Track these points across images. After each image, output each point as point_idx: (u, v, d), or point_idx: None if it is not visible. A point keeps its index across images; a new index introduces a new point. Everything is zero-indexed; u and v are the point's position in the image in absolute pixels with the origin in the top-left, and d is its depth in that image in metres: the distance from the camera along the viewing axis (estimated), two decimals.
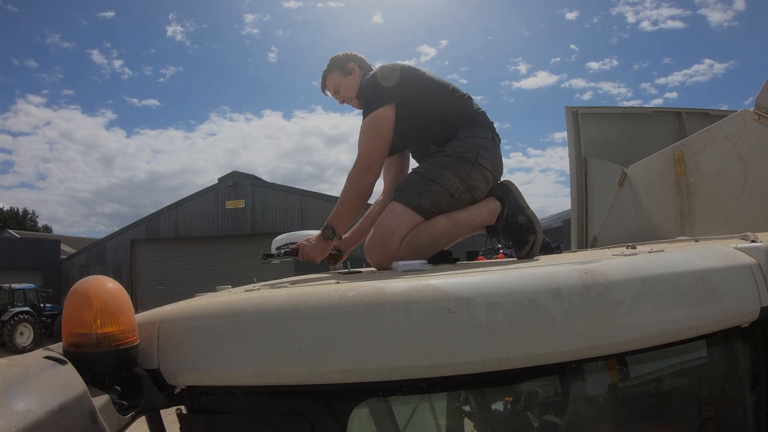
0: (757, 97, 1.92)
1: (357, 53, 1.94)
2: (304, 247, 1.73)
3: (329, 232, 1.71)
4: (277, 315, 0.77)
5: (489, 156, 1.70)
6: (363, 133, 1.71)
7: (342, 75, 1.91)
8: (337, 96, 1.96)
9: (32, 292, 15.02)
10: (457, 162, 1.65)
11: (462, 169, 1.65)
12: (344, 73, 1.91)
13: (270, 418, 0.82)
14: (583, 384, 0.97)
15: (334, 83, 1.94)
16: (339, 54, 1.95)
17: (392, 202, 1.65)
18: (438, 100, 1.75)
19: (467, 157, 1.66)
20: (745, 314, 0.86)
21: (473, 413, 1.21)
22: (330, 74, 1.94)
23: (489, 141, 1.74)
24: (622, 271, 0.82)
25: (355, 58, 1.92)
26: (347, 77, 1.90)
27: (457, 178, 1.64)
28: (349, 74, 1.90)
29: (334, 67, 1.93)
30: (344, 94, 1.93)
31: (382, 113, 1.68)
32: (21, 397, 0.60)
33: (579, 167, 3.56)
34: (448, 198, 1.63)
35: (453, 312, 0.74)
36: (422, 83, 1.76)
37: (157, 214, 20.26)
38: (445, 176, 1.63)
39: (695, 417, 1.01)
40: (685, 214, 2.39)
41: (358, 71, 1.89)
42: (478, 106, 1.81)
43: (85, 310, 0.74)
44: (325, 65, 1.95)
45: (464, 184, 1.65)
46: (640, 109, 3.81)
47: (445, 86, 1.80)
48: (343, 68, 1.91)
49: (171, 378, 0.80)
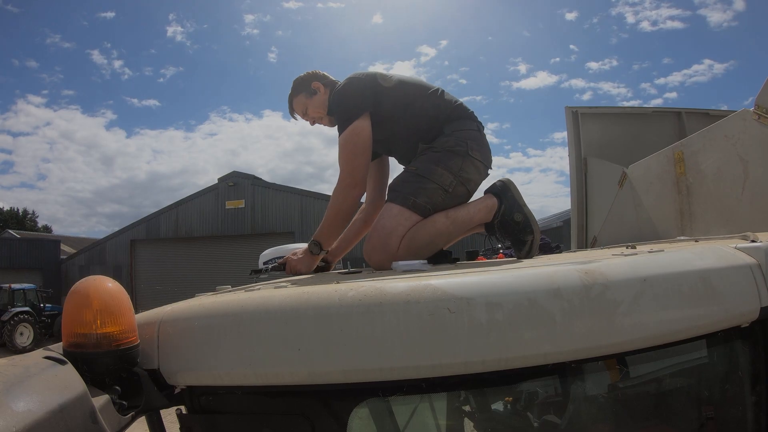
0: (757, 97, 1.92)
1: (318, 71, 1.92)
2: (290, 261, 1.74)
3: (316, 248, 1.72)
4: (277, 315, 0.77)
5: (477, 146, 1.70)
6: (342, 150, 1.69)
7: (307, 96, 1.89)
8: (306, 118, 1.94)
9: (32, 292, 15.01)
10: (447, 156, 1.65)
11: (453, 163, 1.65)
12: (309, 94, 1.89)
13: (270, 418, 0.82)
14: (583, 384, 0.97)
15: (301, 106, 1.92)
16: (301, 75, 1.93)
17: (387, 203, 1.65)
18: (412, 101, 1.74)
19: (457, 151, 1.66)
20: (745, 314, 0.86)
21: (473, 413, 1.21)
22: (295, 98, 1.92)
23: (475, 132, 1.75)
24: (622, 271, 0.82)
25: (318, 76, 1.90)
26: (313, 97, 1.88)
27: (449, 173, 1.63)
28: (314, 94, 1.88)
29: (298, 89, 1.91)
30: (313, 114, 1.91)
31: (358, 126, 1.67)
32: (21, 397, 0.60)
33: (579, 167, 3.56)
34: (442, 194, 1.63)
35: (453, 312, 0.74)
36: (392, 86, 1.75)
37: (157, 214, 20.26)
38: (437, 172, 1.63)
39: (695, 417, 1.01)
40: (685, 214, 2.39)
41: (323, 89, 1.87)
42: (455, 99, 1.81)
43: (85, 310, 0.74)
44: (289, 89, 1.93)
45: (457, 178, 1.64)
46: (640, 109, 3.81)
47: (417, 85, 1.79)
48: (307, 89, 1.89)
49: (171, 378, 0.80)
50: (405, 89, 1.77)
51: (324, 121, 1.91)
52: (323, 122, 1.92)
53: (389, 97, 1.73)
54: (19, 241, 22.87)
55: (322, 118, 1.91)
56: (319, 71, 1.92)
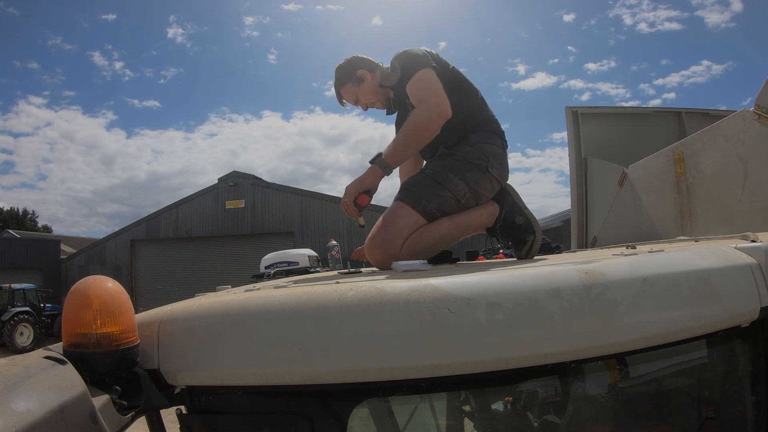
0: (757, 97, 1.92)
1: (359, 56, 1.89)
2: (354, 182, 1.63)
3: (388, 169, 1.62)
4: (277, 315, 0.77)
5: (498, 165, 1.69)
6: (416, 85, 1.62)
7: (355, 85, 1.86)
8: (359, 104, 1.91)
9: (32, 292, 15.00)
10: (466, 168, 1.64)
11: (471, 175, 1.64)
12: (356, 83, 1.86)
13: (270, 418, 0.82)
14: (583, 384, 0.97)
15: (352, 95, 1.89)
16: (341, 63, 1.89)
17: (398, 202, 1.63)
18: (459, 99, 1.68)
19: (477, 164, 1.65)
20: (745, 314, 0.86)
21: (473, 413, 1.21)
22: (343, 88, 1.89)
23: (499, 149, 1.73)
24: (622, 271, 0.82)
25: (360, 62, 1.87)
26: (361, 85, 1.85)
27: (465, 185, 1.63)
28: (362, 81, 1.85)
29: (343, 79, 1.87)
30: (365, 101, 1.88)
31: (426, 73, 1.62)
32: (21, 397, 0.60)
33: (579, 167, 3.56)
34: (454, 203, 1.63)
35: (453, 312, 0.74)
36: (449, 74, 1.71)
37: (157, 214, 20.26)
38: (454, 182, 1.62)
39: (695, 417, 1.01)
40: (685, 214, 2.39)
41: (369, 76, 1.84)
42: (490, 111, 1.79)
43: (85, 310, 0.74)
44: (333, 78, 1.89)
45: (471, 190, 1.64)
46: (640, 109, 3.81)
47: (469, 85, 1.76)
48: (353, 78, 1.86)
49: (171, 378, 0.80)
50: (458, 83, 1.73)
51: (377, 104, 1.89)
52: (376, 106, 1.90)
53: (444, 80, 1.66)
54: (19, 241, 22.86)
55: (374, 102, 1.89)
56: (359, 56, 1.89)
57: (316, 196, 18.60)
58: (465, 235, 1.69)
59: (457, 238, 1.68)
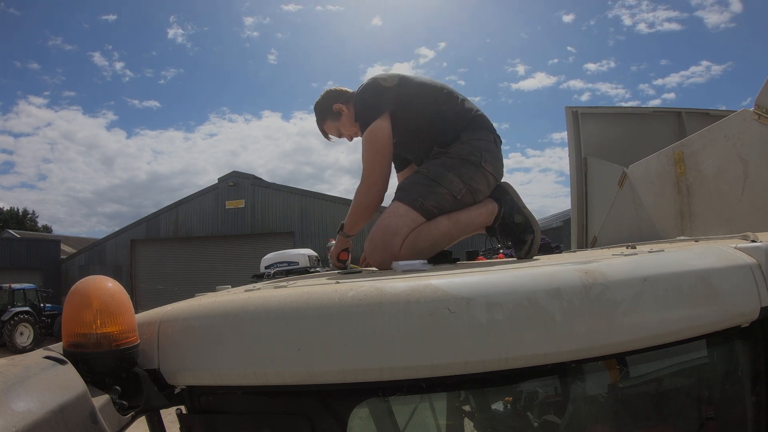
0: (757, 97, 1.92)
1: (333, 89, 1.93)
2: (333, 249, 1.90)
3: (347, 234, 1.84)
4: (277, 315, 0.77)
5: (491, 159, 1.71)
6: (364, 150, 1.73)
7: (334, 120, 1.91)
8: (343, 137, 1.97)
9: (32, 292, 15.01)
10: (460, 164, 1.66)
11: (465, 171, 1.65)
12: (335, 118, 1.91)
13: (270, 418, 0.82)
14: (583, 384, 0.97)
15: (334, 130, 1.95)
16: (318, 100, 1.94)
17: (395, 202, 1.65)
18: (433, 103, 1.76)
19: (470, 160, 1.67)
20: (745, 314, 0.86)
21: (473, 413, 1.21)
22: (324, 124, 1.95)
23: (491, 143, 1.75)
24: (622, 271, 0.82)
25: (335, 95, 1.91)
26: (340, 119, 1.90)
27: (460, 180, 1.64)
28: (340, 115, 1.90)
29: (323, 116, 1.93)
30: (348, 133, 1.94)
31: (377, 126, 1.69)
32: (21, 397, 0.60)
33: (579, 167, 3.56)
34: (450, 200, 1.64)
35: (453, 312, 0.74)
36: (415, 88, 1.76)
37: (157, 214, 20.25)
38: (448, 178, 1.64)
39: (695, 417, 1.01)
40: (685, 214, 2.39)
41: (345, 108, 1.89)
42: (477, 108, 1.81)
43: (85, 310, 0.74)
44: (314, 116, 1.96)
45: (467, 186, 1.65)
46: (640, 109, 3.81)
47: (440, 89, 1.80)
48: (330, 113, 1.91)
49: (171, 378, 0.80)
50: (427, 92, 1.78)
51: (360, 133, 1.91)
52: (359, 135, 1.92)
53: (411, 99, 1.74)
54: (19, 241, 22.86)
55: (356, 133, 1.93)
56: (333, 89, 1.93)
57: (316, 196, 18.59)
58: (464, 234, 1.69)
59: (456, 237, 1.68)
